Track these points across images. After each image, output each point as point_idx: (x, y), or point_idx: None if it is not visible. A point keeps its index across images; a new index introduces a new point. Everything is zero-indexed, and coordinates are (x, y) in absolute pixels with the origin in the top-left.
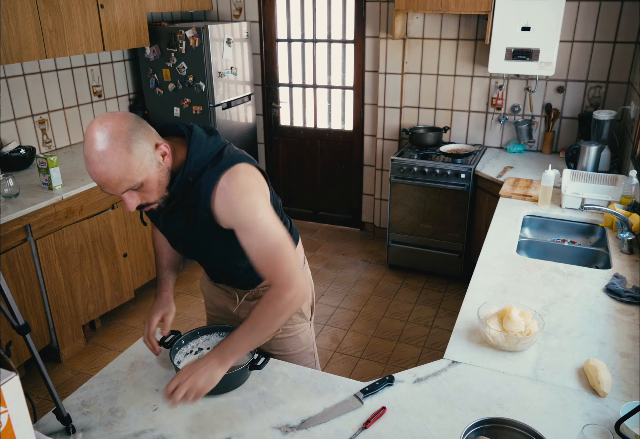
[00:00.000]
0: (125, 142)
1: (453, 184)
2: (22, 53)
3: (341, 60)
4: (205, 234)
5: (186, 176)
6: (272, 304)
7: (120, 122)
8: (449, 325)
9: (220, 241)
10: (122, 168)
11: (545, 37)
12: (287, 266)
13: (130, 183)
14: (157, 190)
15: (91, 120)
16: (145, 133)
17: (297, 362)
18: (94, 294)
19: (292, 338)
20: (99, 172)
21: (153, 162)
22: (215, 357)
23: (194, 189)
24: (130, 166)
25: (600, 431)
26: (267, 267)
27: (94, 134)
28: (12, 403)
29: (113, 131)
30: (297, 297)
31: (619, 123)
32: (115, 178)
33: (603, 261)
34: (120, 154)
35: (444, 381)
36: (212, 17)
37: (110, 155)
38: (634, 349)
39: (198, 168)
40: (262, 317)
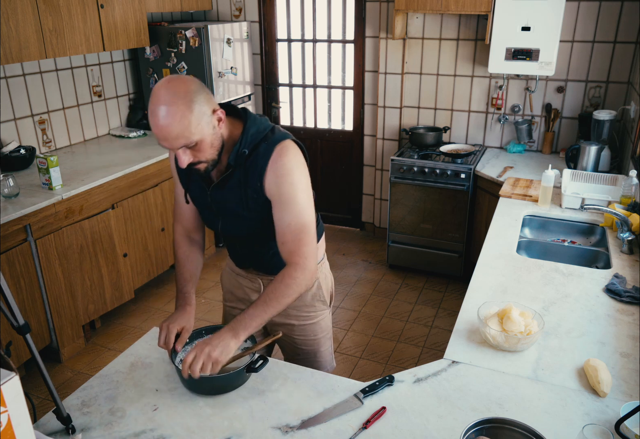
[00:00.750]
0: (188, 101)
1: (453, 184)
2: (22, 53)
3: (341, 60)
4: (250, 207)
5: (243, 147)
6: (286, 283)
7: (187, 83)
8: (449, 325)
9: (261, 215)
10: (182, 125)
11: (545, 37)
12: (307, 248)
13: (187, 140)
14: (209, 152)
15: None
16: (206, 98)
17: (318, 347)
18: (94, 294)
19: (314, 324)
20: (161, 125)
21: (209, 124)
22: (228, 331)
23: (250, 159)
24: (189, 123)
25: (600, 431)
26: (289, 244)
27: (161, 91)
28: (12, 403)
29: (179, 90)
30: (307, 280)
31: (619, 123)
32: (174, 133)
33: (603, 261)
34: (182, 112)
35: (444, 381)
36: (212, 17)
37: (174, 111)
38: (634, 349)
39: (254, 141)
40: (275, 295)
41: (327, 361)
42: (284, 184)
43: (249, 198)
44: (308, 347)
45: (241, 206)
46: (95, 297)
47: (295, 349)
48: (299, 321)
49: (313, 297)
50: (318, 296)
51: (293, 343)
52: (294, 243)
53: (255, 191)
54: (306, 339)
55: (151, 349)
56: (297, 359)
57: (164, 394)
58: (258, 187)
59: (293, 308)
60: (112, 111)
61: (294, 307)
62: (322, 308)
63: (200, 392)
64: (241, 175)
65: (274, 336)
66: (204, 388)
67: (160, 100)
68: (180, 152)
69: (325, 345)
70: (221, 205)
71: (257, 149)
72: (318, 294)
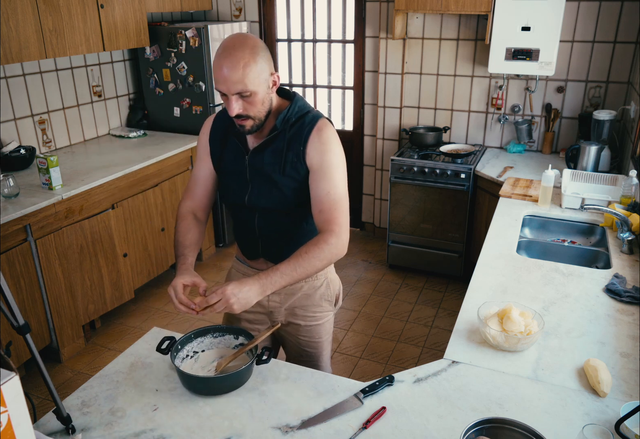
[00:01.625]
0: (256, 54)
1: (453, 184)
2: (22, 53)
3: (341, 60)
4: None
5: (290, 115)
6: (320, 246)
7: (256, 39)
8: (449, 325)
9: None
10: (245, 72)
11: (545, 37)
12: (343, 218)
13: (244, 87)
14: (259, 108)
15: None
16: (269, 58)
17: (321, 349)
18: (94, 294)
19: (320, 325)
20: (226, 66)
21: (266, 82)
22: (257, 286)
23: (296, 125)
24: (250, 72)
25: (600, 431)
26: (326, 213)
27: (234, 38)
28: (12, 403)
29: (250, 42)
30: (339, 249)
31: (619, 123)
32: (235, 77)
33: (603, 261)
34: (248, 60)
35: (444, 381)
36: (212, 17)
37: (241, 56)
38: (634, 349)
39: (300, 112)
40: (307, 257)
41: (327, 365)
42: (326, 152)
43: (288, 162)
44: (312, 349)
45: (278, 170)
46: (95, 297)
47: (299, 351)
48: (306, 321)
49: (321, 297)
50: (326, 295)
51: (298, 344)
52: (330, 212)
53: (296, 155)
54: (310, 340)
55: (151, 349)
56: (299, 362)
57: (164, 394)
58: (300, 152)
59: (300, 308)
60: (112, 111)
61: (301, 306)
62: (328, 309)
63: (200, 392)
64: (285, 139)
65: (273, 328)
66: (205, 388)
67: (230, 45)
68: (234, 98)
69: (327, 349)
70: (257, 170)
71: (302, 118)
72: (326, 294)
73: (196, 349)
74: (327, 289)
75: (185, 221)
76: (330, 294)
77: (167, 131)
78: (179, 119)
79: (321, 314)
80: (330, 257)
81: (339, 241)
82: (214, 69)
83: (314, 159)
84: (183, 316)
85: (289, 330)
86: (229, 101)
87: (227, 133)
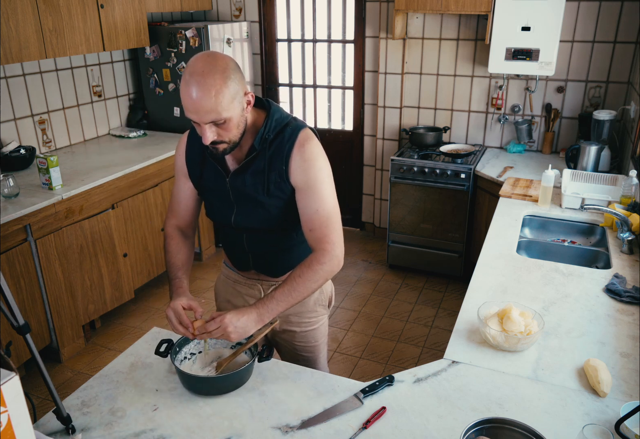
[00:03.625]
0: (227, 78)
1: (453, 184)
2: (22, 53)
3: (341, 60)
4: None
5: (267, 132)
6: (314, 268)
7: (226, 59)
8: (449, 325)
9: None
10: (217, 100)
11: (545, 37)
12: (335, 234)
13: (218, 116)
14: (234, 133)
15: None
16: (241, 77)
17: (317, 352)
18: (94, 294)
19: (315, 330)
20: (196, 97)
21: (240, 105)
22: (255, 315)
23: (275, 143)
24: (223, 99)
25: (600, 431)
26: (317, 231)
27: (199, 62)
28: (12, 403)
29: (218, 65)
30: (334, 267)
31: (619, 123)
32: (207, 106)
33: (603, 261)
34: (219, 86)
35: (444, 381)
36: (212, 17)
37: (211, 84)
38: (634, 349)
39: (278, 126)
40: (302, 280)
41: (324, 367)
42: (311, 169)
43: (271, 182)
44: (308, 353)
45: (262, 191)
46: (95, 297)
47: (295, 356)
48: (301, 327)
49: (315, 302)
50: (320, 300)
51: (294, 350)
52: (321, 230)
53: (279, 174)
54: (306, 345)
55: (151, 349)
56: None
57: (164, 394)
58: (283, 171)
59: (295, 315)
60: (112, 111)
61: (296, 313)
62: (323, 313)
63: (201, 392)
64: (265, 159)
65: (271, 325)
66: (206, 388)
67: (198, 72)
68: (207, 127)
69: (323, 351)
70: (240, 191)
71: (281, 134)
72: (320, 299)
73: (193, 351)
74: (321, 294)
75: (173, 239)
76: (323, 298)
77: (167, 131)
78: (179, 119)
79: (316, 319)
80: (325, 276)
81: (332, 258)
82: (183, 97)
83: (298, 178)
84: None
85: (285, 337)
86: (202, 129)
87: (203, 153)
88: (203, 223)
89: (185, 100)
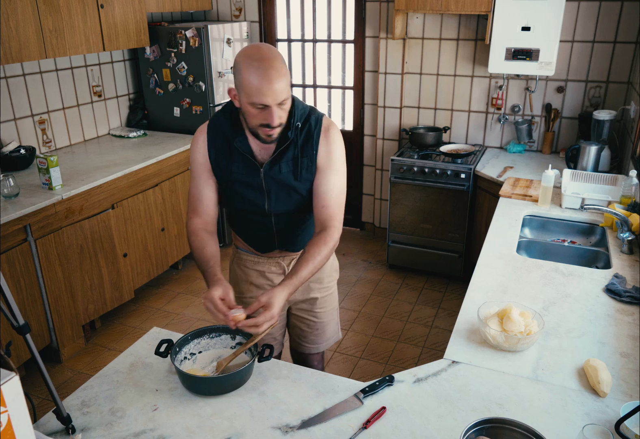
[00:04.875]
0: (285, 64)
1: (453, 184)
2: (22, 53)
3: (341, 60)
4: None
5: (296, 120)
6: (329, 245)
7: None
8: (449, 325)
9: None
10: (286, 80)
11: (545, 37)
12: (342, 213)
13: (286, 94)
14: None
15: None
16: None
17: (332, 317)
18: (94, 294)
19: (331, 294)
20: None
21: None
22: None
23: (304, 131)
24: (287, 81)
25: (600, 431)
26: (330, 208)
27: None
28: (12, 403)
29: (277, 53)
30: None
31: (619, 123)
32: (279, 87)
33: (603, 261)
34: (284, 70)
35: (444, 381)
36: (212, 17)
37: (280, 67)
38: (634, 349)
39: (304, 115)
40: (322, 257)
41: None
42: (334, 151)
43: (303, 168)
44: (325, 319)
45: (295, 176)
46: (95, 297)
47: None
48: (321, 293)
49: (331, 267)
50: (334, 265)
51: (314, 317)
52: (334, 207)
53: (310, 159)
54: (324, 311)
55: (151, 349)
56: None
57: (164, 394)
58: (312, 155)
59: (316, 282)
60: (112, 111)
61: (317, 280)
62: (335, 277)
63: (202, 392)
64: (297, 146)
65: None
66: (207, 388)
67: (266, 57)
68: (277, 108)
69: (337, 315)
70: (274, 179)
71: (308, 122)
72: (334, 264)
73: (193, 351)
74: (334, 259)
75: (198, 237)
76: (335, 263)
77: (167, 131)
78: (179, 119)
79: (331, 284)
80: (332, 251)
81: (338, 236)
82: (253, 82)
83: (322, 159)
84: (182, 316)
85: (305, 306)
86: (271, 112)
87: (229, 148)
88: None
89: (257, 84)
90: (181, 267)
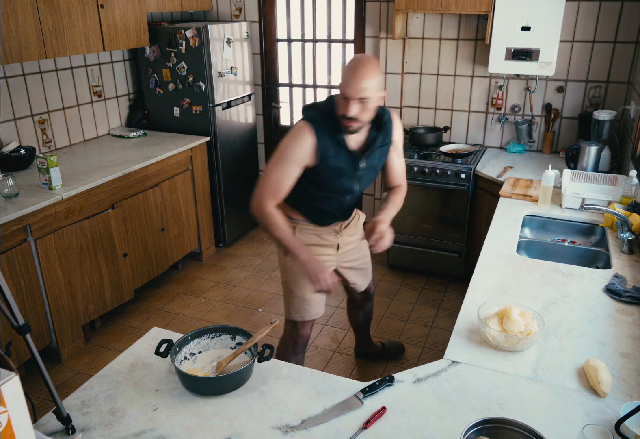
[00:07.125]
0: (379, 72)
1: (453, 184)
2: (22, 53)
3: (341, 61)
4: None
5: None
6: (403, 194)
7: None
8: (449, 325)
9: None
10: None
11: (545, 37)
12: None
13: (367, 93)
14: (368, 114)
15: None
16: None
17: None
18: (94, 294)
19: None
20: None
21: (378, 96)
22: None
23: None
24: (375, 83)
25: (600, 431)
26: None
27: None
28: (12, 403)
29: (376, 62)
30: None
31: (619, 123)
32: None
33: (603, 261)
34: (376, 73)
35: (444, 381)
36: (212, 17)
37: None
38: (634, 349)
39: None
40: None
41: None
42: (400, 134)
43: (385, 154)
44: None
45: (380, 162)
46: (95, 297)
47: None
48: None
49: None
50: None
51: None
52: (403, 176)
53: (388, 145)
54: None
55: (151, 349)
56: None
57: (164, 394)
58: (391, 141)
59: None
60: (112, 111)
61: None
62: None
63: (202, 392)
64: (382, 136)
65: (271, 325)
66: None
67: (364, 61)
68: (355, 102)
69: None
70: (369, 165)
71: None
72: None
73: (193, 351)
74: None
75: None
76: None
77: (167, 131)
78: (179, 119)
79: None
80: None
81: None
82: (344, 77)
83: (396, 143)
84: (182, 316)
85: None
86: (350, 104)
87: (335, 144)
88: (203, 224)
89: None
90: (181, 267)
